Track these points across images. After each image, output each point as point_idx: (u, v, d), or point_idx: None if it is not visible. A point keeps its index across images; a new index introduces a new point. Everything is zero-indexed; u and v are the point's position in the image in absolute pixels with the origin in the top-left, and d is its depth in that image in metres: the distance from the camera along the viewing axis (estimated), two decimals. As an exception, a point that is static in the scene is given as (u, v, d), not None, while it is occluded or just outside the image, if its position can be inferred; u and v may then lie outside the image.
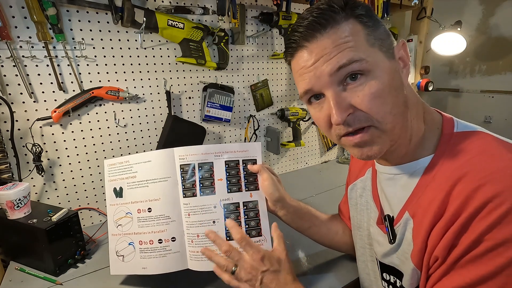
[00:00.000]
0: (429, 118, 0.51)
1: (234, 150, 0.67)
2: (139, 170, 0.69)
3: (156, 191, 0.67)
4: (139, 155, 0.69)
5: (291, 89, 1.48)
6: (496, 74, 1.68)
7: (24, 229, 0.78)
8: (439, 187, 0.44)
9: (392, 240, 0.52)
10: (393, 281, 0.55)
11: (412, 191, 0.49)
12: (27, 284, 0.76)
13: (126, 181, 0.70)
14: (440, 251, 0.42)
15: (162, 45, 1.09)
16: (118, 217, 0.70)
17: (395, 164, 0.52)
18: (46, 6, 0.85)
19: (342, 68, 0.43)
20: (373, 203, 0.61)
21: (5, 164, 0.87)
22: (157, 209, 0.68)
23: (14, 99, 0.89)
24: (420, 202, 0.47)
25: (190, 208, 0.67)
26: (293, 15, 1.31)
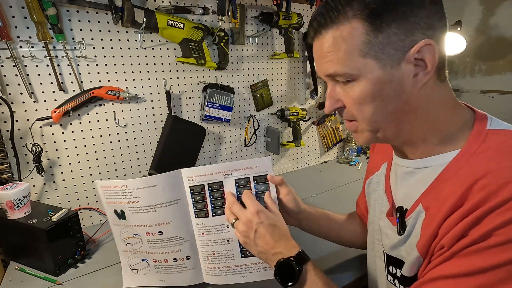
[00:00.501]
0: (456, 115, 0.50)
1: (244, 167, 0.64)
2: (142, 196, 0.64)
3: (166, 215, 0.65)
4: (140, 180, 0.64)
5: (291, 89, 1.48)
6: (496, 74, 1.68)
7: (24, 229, 0.78)
8: (461, 181, 0.43)
9: (401, 232, 0.52)
10: (399, 275, 0.55)
11: (430, 185, 0.49)
12: (27, 284, 0.76)
13: (127, 205, 0.65)
14: (447, 240, 0.42)
15: (162, 45, 1.09)
16: (126, 236, 0.68)
17: (414, 158, 0.52)
18: (46, 6, 0.85)
19: (330, 76, 0.49)
20: (385, 196, 0.61)
21: (5, 164, 0.87)
22: (169, 232, 0.66)
23: (14, 99, 0.89)
24: (437, 195, 0.47)
25: (204, 228, 0.66)
26: (293, 15, 1.31)
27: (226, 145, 1.33)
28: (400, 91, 0.46)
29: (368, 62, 0.45)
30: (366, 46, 0.44)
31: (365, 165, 1.60)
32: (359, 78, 0.46)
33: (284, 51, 1.37)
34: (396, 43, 0.44)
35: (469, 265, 0.39)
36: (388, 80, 0.45)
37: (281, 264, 0.55)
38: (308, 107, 1.56)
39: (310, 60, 1.46)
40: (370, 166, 0.72)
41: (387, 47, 0.44)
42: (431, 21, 0.44)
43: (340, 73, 0.46)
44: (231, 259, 0.66)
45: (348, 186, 1.33)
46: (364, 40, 0.44)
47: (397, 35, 0.43)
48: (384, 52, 0.44)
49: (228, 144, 1.34)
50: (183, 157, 1.18)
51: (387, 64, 0.45)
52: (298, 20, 1.33)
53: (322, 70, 0.50)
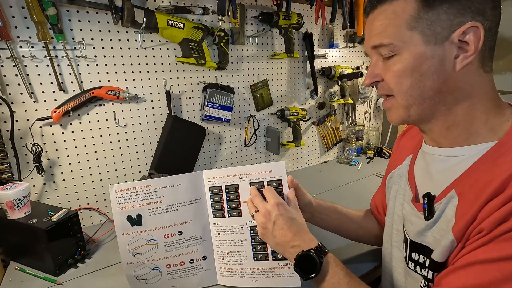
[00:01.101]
0: (497, 107, 0.50)
1: (258, 171, 0.66)
2: (167, 195, 0.67)
3: (187, 214, 0.69)
4: (166, 179, 0.67)
5: (291, 89, 1.48)
6: (496, 74, 1.67)
7: (24, 229, 0.78)
8: (501, 169, 0.43)
9: (429, 217, 0.52)
10: (422, 261, 0.54)
11: (464, 172, 0.49)
12: (27, 284, 0.76)
13: (147, 207, 0.66)
14: (487, 224, 0.42)
15: (162, 45, 1.09)
16: (136, 245, 0.67)
17: (448, 146, 0.53)
18: (46, 6, 0.85)
19: (375, 48, 0.51)
20: (408, 186, 0.61)
21: (5, 164, 0.87)
22: (189, 231, 0.69)
23: (14, 99, 0.89)
24: (473, 182, 0.47)
25: (220, 228, 0.69)
26: (293, 15, 1.31)
27: (226, 145, 1.33)
28: (440, 70, 0.47)
29: (414, 36, 0.47)
30: (415, 20, 0.46)
31: (365, 165, 1.61)
32: (401, 52, 0.48)
33: (284, 51, 1.37)
34: (444, 22, 0.45)
35: (508, 250, 0.39)
36: (430, 56, 0.47)
37: (301, 257, 0.55)
38: (308, 107, 1.56)
39: (310, 60, 1.46)
40: (393, 161, 0.73)
41: (435, 24, 0.45)
42: (483, 8, 0.45)
43: (385, 43, 0.49)
44: (244, 261, 0.68)
45: (348, 186, 1.33)
46: (414, 15, 0.46)
47: (447, 14, 0.45)
48: (431, 28, 0.46)
49: (228, 144, 1.34)
50: (183, 157, 1.18)
51: (431, 40, 0.46)
52: (298, 20, 1.33)
53: (369, 42, 0.52)
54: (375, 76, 0.53)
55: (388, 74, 0.51)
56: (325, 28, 1.52)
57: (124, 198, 0.66)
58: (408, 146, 0.68)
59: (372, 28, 0.51)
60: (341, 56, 1.63)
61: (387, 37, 0.49)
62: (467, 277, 0.42)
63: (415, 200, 0.58)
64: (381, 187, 0.78)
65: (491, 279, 0.40)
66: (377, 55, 0.52)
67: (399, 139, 0.76)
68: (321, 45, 1.54)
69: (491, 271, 0.40)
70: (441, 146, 0.54)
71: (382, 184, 0.77)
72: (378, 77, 0.53)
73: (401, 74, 0.49)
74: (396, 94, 0.51)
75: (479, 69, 0.48)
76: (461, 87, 0.48)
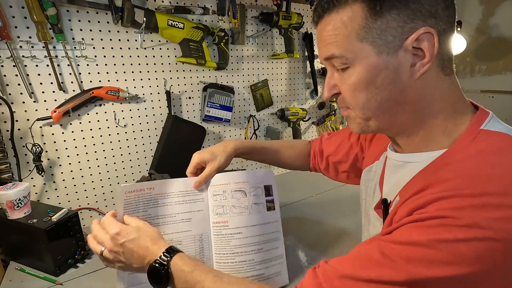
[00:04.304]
0: (456, 112, 0.48)
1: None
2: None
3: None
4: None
5: (291, 89, 1.48)
6: (496, 74, 1.68)
7: (24, 229, 0.78)
8: (427, 178, 0.44)
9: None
10: None
11: (411, 179, 0.49)
12: (27, 284, 0.76)
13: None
14: (394, 227, 0.44)
15: (162, 45, 1.09)
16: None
17: (407, 152, 0.52)
18: (46, 6, 0.85)
19: (329, 59, 0.49)
20: (379, 187, 0.61)
21: (5, 164, 0.87)
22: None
23: (14, 99, 0.89)
24: (408, 190, 0.47)
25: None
26: (293, 15, 1.31)
27: (226, 145, 1.33)
28: (395, 80, 0.45)
29: (365, 47, 0.44)
30: (364, 31, 0.44)
31: (365, 165, 1.60)
32: (354, 63, 0.46)
33: (284, 51, 1.37)
34: (394, 30, 0.43)
35: (406, 235, 0.41)
36: (383, 67, 0.44)
37: (149, 271, 0.55)
38: (308, 107, 1.56)
39: (310, 60, 1.46)
40: (371, 154, 0.71)
41: (385, 33, 0.43)
42: (434, 9, 0.42)
43: (336, 55, 0.46)
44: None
45: (348, 186, 1.32)
46: (363, 25, 0.44)
47: (396, 21, 0.42)
48: (382, 38, 0.43)
49: (228, 144, 1.34)
50: (183, 157, 1.17)
51: (384, 50, 0.44)
52: (298, 20, 1.33)
53: (321, 53, 0.50)
54: (332, 88, 0.51)
55: (343, 87, 0.49)
56: (325, 28, 1.52)
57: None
58: (384, 141, 0.65)
59: (322, 39, 0.49)
60: (341, 56, 1.63)
61: (338, 48, 0.46)
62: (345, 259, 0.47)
63: (379, 206, 0.58)
64: (342, 145, 0.79)
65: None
66: (332, 66, 0.50)
67: None
68: (321, 45, 1.53)
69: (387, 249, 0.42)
70: (400, 151, 0.54)
71: (344, 142, 0.78)
72: (336, 89, 0.51)
73: (356, 88, 0.47)
74: (353, 107, 0.50)
75: (439, 73, 0.46)
76: (420, 95, 0.46)
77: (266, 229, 0.67)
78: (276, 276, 0.66)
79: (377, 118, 0.49)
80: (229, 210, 0.66)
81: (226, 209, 0.66)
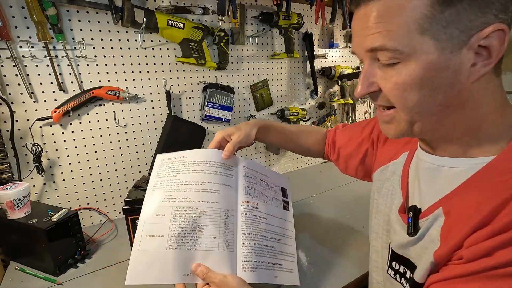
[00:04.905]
0: (503, 116, 0.43)
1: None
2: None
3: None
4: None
5: (291, 89, 1.48)
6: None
7: (24, 229, 0.78)
8: (493, 191, 0.39)
9: (412, 233, 0.48)
10: (402, 271, 0.52)
11: (455, 188, 0.44)
12: (27, 284, 0.76)
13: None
14: (469, 254, 0.38)
15: (162, 45, 1.09)
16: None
17: (445, 156, 0.47)
18: (46, 6, 0.85)
19: (375, 51, 0.41)
20: (400, 189, 0.56)
21: (5, 164, 0.87)
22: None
23: (14, 99, 0.89)
24: (462, 202, 0.42)
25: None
26: (293, 15, 1.31)
27: (226, 145, 1.33)
28: (454, 82, 0.39)
29: (425, 41, 0.38)
30: (428, 21, 0.37)
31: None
32: (408, 60, 0.39)
33: (284, 51, 1.37)
34: (463, 23, 0.36)
35: None
36: (444, 66, 0.38)
37: None
38: (308, 107, 1.56)
39: (310, 60, 1.46)
40: (386, 152, 0.66)
41: (452, 26, 0.37)
42: (505, 2, 0.36)
43: (389, 47, 0.39)
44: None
45: (348, 186, 1.33)
46: (426, 13, 0.37)
47: (467, 13, 0.36)
48: (447, 32, 0.37)
49: (228, 144, 1.34)
50: (183, 157, 1.18)
51: (447, 47, 0.37)
52: (298, 20, 1.33)
53: (363, 43, 0.42)
54: (369, 85, 0.44)
55: (388, 86, 0.42)
56: (325, 28, 1.52)
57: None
58: (404, 140, 0.61)
59: (366, 25, 0.41)
60: (341, 56, 1.63)
61: (391, 40, 0.39)
62: None
63: (403, 210, 0.54)
64: (357, 152, 0.75)
65: None
66: (373, 59, 0.43)
67: None
68: (321, 45, 1.54)
69: None
70: (435, 154, 0.49)
71: (359, 150, 0.74)
72: (374, 87, 0.44)
73: (407, 88, 0.40)
74: (399, 108, 0.43)
75: (491, 74, 0.40)
76: (472, 98, 0.41)
77: (284, 225, 0.67)
78: (289, 273, 0.63)
79: (424, 122, 0.43)
80: (259, 194, 0.66)
81: (257, 192, 0.66)
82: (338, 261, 0.82)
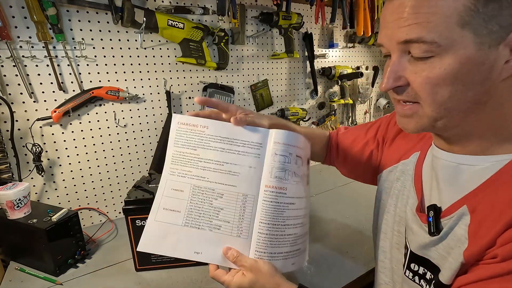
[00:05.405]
0: None
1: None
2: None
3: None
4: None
5: (291, 89, 1.48)
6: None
7: (24, 229, 0.78)
8: None
9: (434, 233, 0.47)
10: (421, 272, 0.51)
11: (479, 186, 0.43)
12: (27, 284, 0.76)
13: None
14: (504, 251, 0.38)
15: (162, 45, 1.09)
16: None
17: (463, 153, 0.46)
18: (46, 6, 0.85)
19: (409, 43, 0.40)
20: (413, 189, 0.55)
21: (5, 164, 0.87)
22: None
23: (14, 99, 0.89)
24: (489, 199, 0.41)
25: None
26: (293, 15, 1.31)
27: (226, 145, 1.33)
28: (486, 78, 0.38)
29: (465, 35, 0.36)
30: (470, 14, 0.36)
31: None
32: (445, 53, 0.38)
33: (284, 51, 1.37)
34: (504, 18, 0.36)
35: None
36: (480, 62, 0.37)
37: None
38: (308, 107, 1.56)
39: (310, 60, 1.46)
40: (393, 153, 0.64)
41: (493, 21, 0.36)
42: None
43: (426, 39, 0.37)
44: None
45: (348, 186, 1.33)
46: (470, 6, 0.35)
47: (509, 9, 0.35)
48: (488, 26, 0.36)
49: (228, 144, 1.34)
50: (183, 157, 1.18)
51: (486, 42, 0.36)
52: (298, 20, 1.33)
53: (395, 35, 0.40)
54: (398, 79, 0.42)
55: (418, 80, 0.40)
56: (325, 28, 1.52)
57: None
58: (415, 139, 0.60)
59: (402, 16, 0.38)
60: (341, 56, 1.63)
61: (430, 32, 0.37)
62: None
63: (420, 210, 0.52)
64: (361, 149, 0.72)
65: None
66: (403, 52, 0.41)
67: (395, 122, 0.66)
68: (321, 45, 1.54)
69: None
70: (453, 152, 0.48)
71: (361, 146, 0.71)
72: (403, 80, 0.42)
73: (440, 83, 0.39)
74: (426, 104, 0.42)
75: None
76: (497, 95, 0.40)
77: (307, 203, 0.59)
78: (304, 252, 0.59)
79: (450, 118, 0.42)
80: (291, 176, 0.55)
81: (288, 174, 0.55)
82: (338, 261, 0.82)
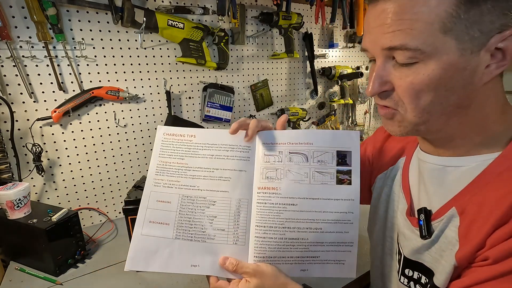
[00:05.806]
0: (505, 114, 0.44)
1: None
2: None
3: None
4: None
5: (291, 89, 1.48)
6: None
7: (24, 229, 0.78)
8: (507, 186, 0.38)
9: (426, 236, 0.47)
10: (416, 277, 0.50)
11: (466, 186, 0.43)
12: (27, 284, 0.76)
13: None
14: (494, 253, 0.38)
15: (162, 45, 1.09)
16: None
17: (448, 155, 0.47)
18: (46, 6, 0.85)
19: (393, 50, 0.40)
20: (402, 193, 0.55)
21: (5, 164, 0.87)
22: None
23: (14, 99, 0.89)
24: (476, 199, 0.41)
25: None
26: (293, 15, 1.31)
27: (226, 145, 1.33)
28: (468, 83, 0.39)
29: (448, 42, 0.37)
30: (452, 21, 0.36)
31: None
32: (428, 60, 0.38)
33: (284, 51, 1.37)
34: (485, 24, 0.36)
35: None
36: (462, 68, 0.38)
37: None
38: (308, 107, 1.56)
39: (310, 60, 1.46)
40: (383, 162, 0.64)
41: (475, 27, 0.36)
42: None
43: (410, 47, 0.38)
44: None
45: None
46: (452, 13, 0.36)
47: (491, 14, 0.36)
48: (469, 32, 0.36)
49: (228, 144, 1.34)
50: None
51: (468, 48, 0.37)
52: (298, 20, 1.33)
53: (379, 41, 0.41)
54: (383, 84, 0.42)
55: (403, 85, 0.41)
56: (325, 28, 1.52)
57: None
58: (400, 145, 0.60)
59: (385, 22, 0.39)
60: (341, 56, 1.63)
61: (414, 39, 0.37)
62: None
63: (410, 214, 0.52)
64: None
65: None
66: (387, 57, 0.41)
67: (383, 134, 0.67)
68: (321, 45, 1.54)
69: None
70: (438, 154, 0.48)
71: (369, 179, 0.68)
72: (388, 86, 0.42)
73: (424, 88, 0.39)
74: (408, 110, 0.42)
75: (498, 75, 0.41)
76: (478, 98, 0.41)
77: (332, 207, 0.52)
78: (338, 264, 0.54)
79: (432, 122, 0.43)
80: (283, 175, 0.53)
81: (280, 173, 0.53)
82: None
